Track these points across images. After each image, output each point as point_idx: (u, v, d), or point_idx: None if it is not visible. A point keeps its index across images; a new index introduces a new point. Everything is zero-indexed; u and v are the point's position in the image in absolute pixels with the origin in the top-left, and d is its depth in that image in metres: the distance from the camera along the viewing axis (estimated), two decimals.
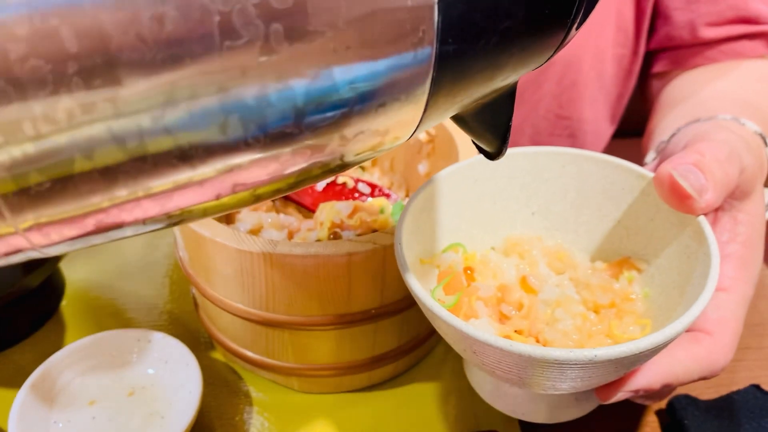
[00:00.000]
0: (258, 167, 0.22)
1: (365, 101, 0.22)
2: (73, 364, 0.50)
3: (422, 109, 0.24)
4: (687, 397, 0.51)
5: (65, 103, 0.18)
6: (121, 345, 0.51)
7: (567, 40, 0.26)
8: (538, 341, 0.38)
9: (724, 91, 0.65)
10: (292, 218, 0.53)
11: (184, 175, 0.20)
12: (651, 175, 0.42)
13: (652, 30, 0.75)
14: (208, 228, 0.43)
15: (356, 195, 0.58)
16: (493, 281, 0.42)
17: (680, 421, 0.49)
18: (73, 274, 0.63)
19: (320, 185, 0.58)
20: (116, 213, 0.21)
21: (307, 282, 0.43)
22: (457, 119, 0.30)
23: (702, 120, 0.52)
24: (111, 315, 0.59)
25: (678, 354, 0.37)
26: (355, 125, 0.22)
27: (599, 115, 0.81)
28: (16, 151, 0.18)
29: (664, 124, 0.62)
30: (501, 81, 0.26)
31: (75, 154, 0.18)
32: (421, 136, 0.57)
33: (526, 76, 0.69)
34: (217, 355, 0.55)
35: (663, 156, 0.50)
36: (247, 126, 0.20)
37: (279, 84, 0.20)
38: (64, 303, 0.60)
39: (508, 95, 0.30)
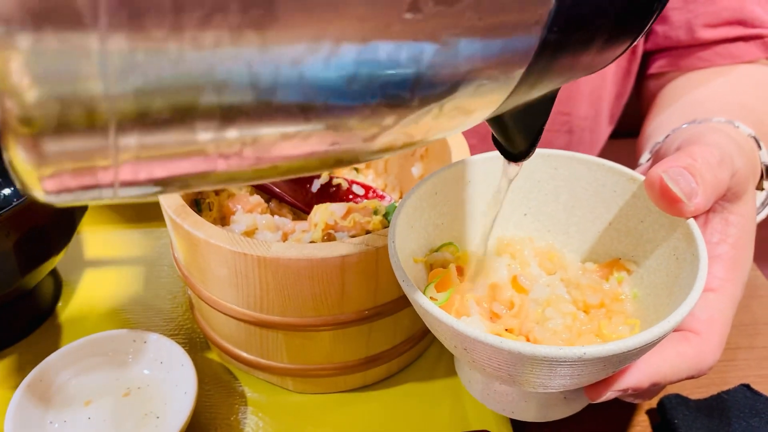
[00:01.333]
0: (360, 129, 0.22)
1: (474, 76, 0.22)
2: (69, 365, 0.50)
3: (508, 93, 0.24)
4: (677, 396, 0.51)
5: (216, 29, 0.17)
6: (117, 346, 0.52)
7: (631, 45, 0.28)
8: (528, 340, 0.39)
9: (720, 94, 0.65)
10: (286, 220, 0.54)
11: (295, 127, 0.20)
12: (642, 178, 0.42)
13: (649, 30, 0.76)
14: (202, 230, 0.44)
15: (350, 197, 0.58)
16: (485, 280, 0.42)
17: (671, 420, 0.50)
18: (69, 275, 0.63)
19: (315, 186, 0.58)
20: (213, 158, 0.20)
21: (301, 283, 0.44)
22: (494, 118, 0.31)
23: (697, 122, 0.52)
24: (107, 316, 0.60)
25: (666, 353, 0.38)
26: (456, 99, 0.23)
27: (598, 114, 0.81)
28: (152, 73, 0.17)
29: (660, 126, 0.63)
30: (566, 80, 0.27)
31: (207, 85, 0.18)
32: None
33: None
34: (213, 355, 0.56)
35: (656, 157, 0.50)
36: (371, 83, 0.20)
37: (413, 45, 0.20)
38: (60, 304, 0.61)
39: (549, 99, 0.30)
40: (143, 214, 0.69)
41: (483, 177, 0.45)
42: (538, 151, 0.46)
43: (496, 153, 0.45)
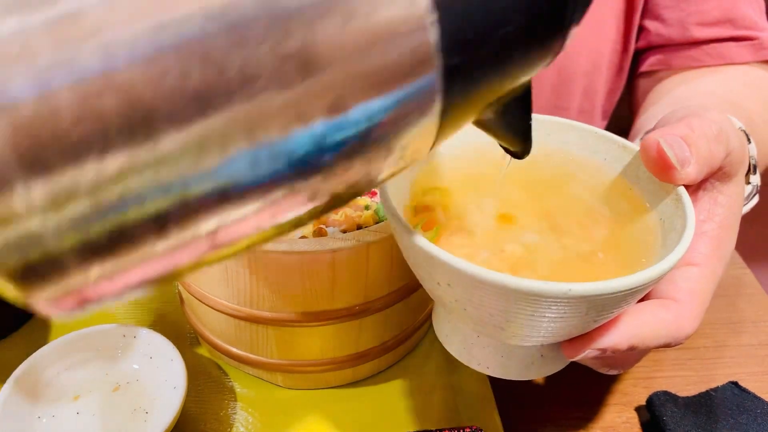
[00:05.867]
0: (290, 199, 0.23)
1: (380, 128, 0.23)
2: (58, 360, 0.50)
3: (437, 126, 0.24)
4: (666, 393, 0.51)
5: (112, 161, 0.18)
6: (107, 340, 0.52)
7: (567, 38, 0.27)
8: None
9: (710, 92, 0.66)
10: None
11: (227, 213, 0.21)
12: (632, 145, 0.43)
13: (640, 28, 0.76)
14: None
15: None
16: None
17: (659, 417, 0.50)
18: None
19: None
20: (169, 257, 0.21)
21: (291, 278, 0.44)
22: (479, 124, 0.31)
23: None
24: (96, 311, 0.59)
25: (646, 317, 0.38)
26: (372, 153, 0.23)
27: (593, 109, 0.82)
28: (78, 208, 0.19)
29: (649, 119, 0.63)
30: (511, 83, 0.27)
31: (128, 206, 0.19)
32: None
33: None
34: (202, 351, 0.55)
35: None
36: (275, 162, 0.21)
37: (298, 121, 0.21)
38: None
39: (525, 95, 0.30)
40: None
41: (474, 137, 0.45)
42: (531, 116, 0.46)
43: None
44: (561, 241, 0.41)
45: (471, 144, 0.46)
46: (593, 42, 0.75)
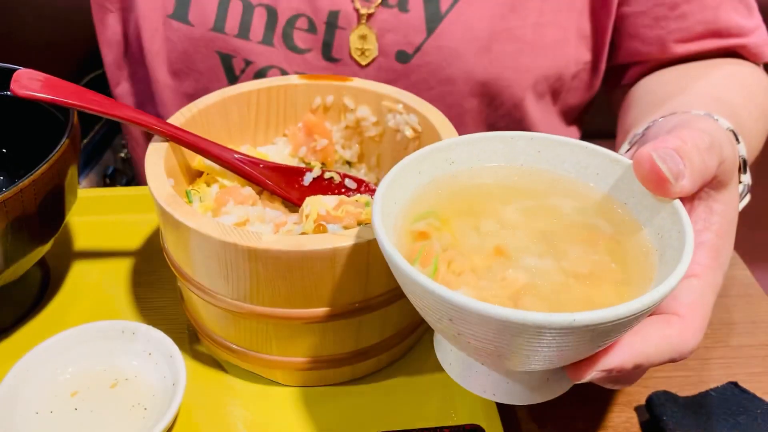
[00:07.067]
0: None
1: None
2: (56, 355, 0.50)
3: None
4: (666, 393, 0.51)
5: None
6: (106, 336, 0.51)
7: None
8: None
9: (696, 88, 0.66)
10: (278, 212, 0.53)
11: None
12: (624, 159, 0.42)
13: (615, 46, 0.76)
14: (193, 220, 0.44)
15: (343, 190, 0.58)
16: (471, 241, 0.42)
17: (659, 417, 0.50)
18: (57, 265, 0.63)
19: (306, 180, 0.58)
20: None
21: (291, 275, 0.43)
22: None
23: (677, 114, 0.52)
24: (95, 306, 0.59)
25: (649, 334, 0.38)
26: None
27: (554, 126, 0.81)
28: None
29: (638, 119, 0.63)
30: None
31: None
32: (408, 132, 0.58)
33: (479, 106, 0.72)
34: (202, 347, 0.55)
35: (639, 146, 0.50)
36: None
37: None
38: (48, 294, 0.60)
39: None
40: (133, 204, 0.69)
41: (467, 157, 0.45)
42: (521, 133, 0.46)
43: (482, 134, 0.45)
44: (560, 263, 0.41)
45: (463, 168, 0.46)
46: (545, 68, 0.73)
